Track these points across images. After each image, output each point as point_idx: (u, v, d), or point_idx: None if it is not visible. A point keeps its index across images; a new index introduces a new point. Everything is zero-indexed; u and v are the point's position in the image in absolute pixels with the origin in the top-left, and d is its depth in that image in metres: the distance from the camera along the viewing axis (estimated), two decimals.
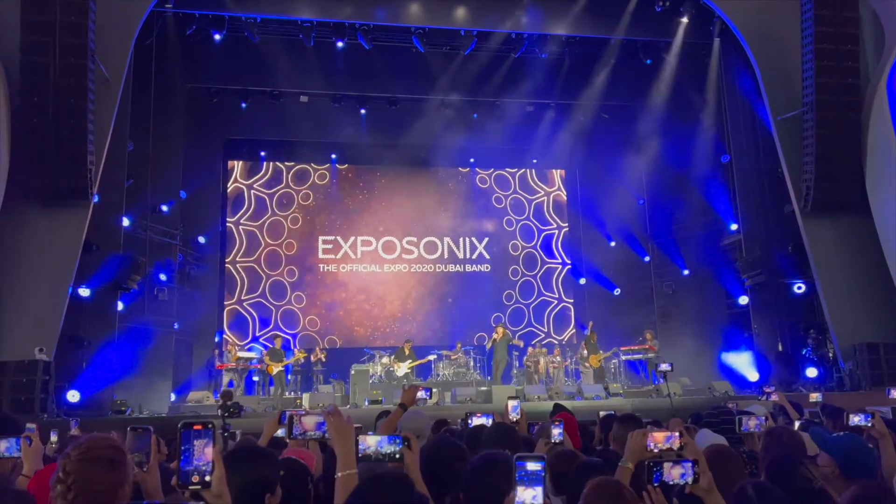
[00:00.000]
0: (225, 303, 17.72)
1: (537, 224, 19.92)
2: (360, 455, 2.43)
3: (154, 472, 2.54)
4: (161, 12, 13.83)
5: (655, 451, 2.92)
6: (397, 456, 2.48)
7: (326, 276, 18.53)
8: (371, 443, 2.48)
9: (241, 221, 18.33)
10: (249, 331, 17.75)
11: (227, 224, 18.16)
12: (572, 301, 19.57)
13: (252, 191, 18.52)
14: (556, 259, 19.84)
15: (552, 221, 20.06)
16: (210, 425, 1.89)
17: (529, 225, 19.86)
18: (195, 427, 1.87)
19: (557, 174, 20.31)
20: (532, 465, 2.07)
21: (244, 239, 18.22)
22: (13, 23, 10.85)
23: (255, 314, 17.90)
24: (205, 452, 1.86)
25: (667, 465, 2.48)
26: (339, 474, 2.32)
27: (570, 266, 19.76)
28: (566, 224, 20.03)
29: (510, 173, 20.00)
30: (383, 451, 2.47)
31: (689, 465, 2.47)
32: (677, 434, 2.91)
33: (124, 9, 12.34)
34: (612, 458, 3.07)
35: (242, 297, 17.93)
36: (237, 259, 18.09)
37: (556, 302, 19.56)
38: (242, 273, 18.06)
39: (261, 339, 17.53)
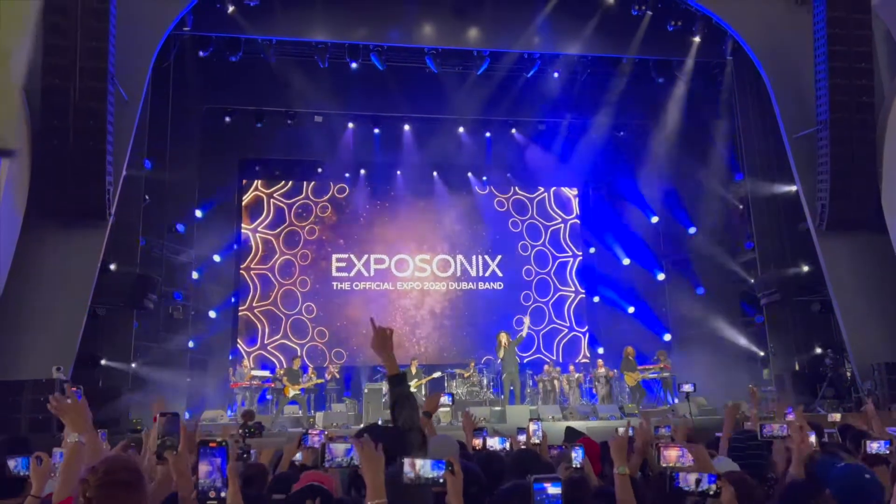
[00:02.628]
0: (239, 307, 17.80)
1: (552, 251, 19.72)
2: (403, 479, 2.38)
3: (184, 455, 2.58)
4: (179, 35, 14.07)
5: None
6: (441, 481, 2.42)
7: (338, 294, 18.57)
8: (414, 468, 2.44)
9: (259, 229, 18.45)
10: (259, 338, 17.82)
11: (244, 231, 18.29)
12: (584, 330, 19.33)
13: (272, 200, 18.65)
14: (570, 287, 19.62)
15: (567, 249, 19.87)
16: (224, 443, 1.96)
17: (544, 251, 19.68)
18: (211, 444, 1.96)
19: (575, 201, 20.13)
20: (552, 490, 2.12)
21: (260, 246, 18.34)
22: (35, 46, 11.06)
23: (265, 321, 17.96)
24: (220, 469, 1.94)
25: (682, 474, 2.55)
26: None
27: (583, 295, 19.52)
28: (581, 252, 19.83)
29: (528, 198, 19.86)
30: (426, 476, 2.42)
31: (709, 476, 2.50)
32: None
33: (143, 32, 12.53)
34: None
35: (254, 304, 18.01)
36: (251, 266, 18.19)
37: (566, 330, 19.33)
38: (256, 280, 18.14)
39: (269, 347, 17.60)
